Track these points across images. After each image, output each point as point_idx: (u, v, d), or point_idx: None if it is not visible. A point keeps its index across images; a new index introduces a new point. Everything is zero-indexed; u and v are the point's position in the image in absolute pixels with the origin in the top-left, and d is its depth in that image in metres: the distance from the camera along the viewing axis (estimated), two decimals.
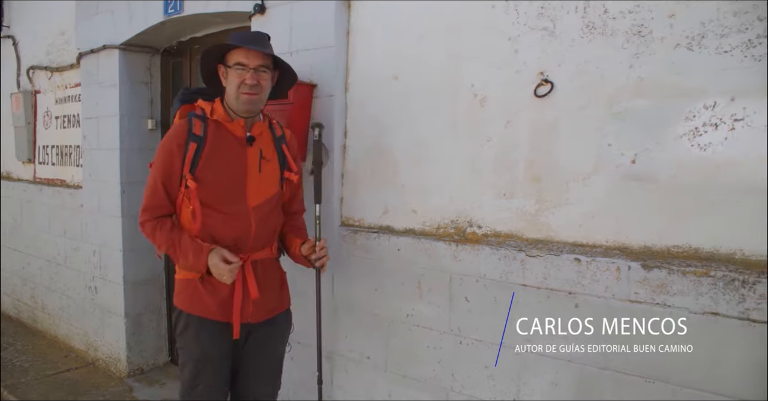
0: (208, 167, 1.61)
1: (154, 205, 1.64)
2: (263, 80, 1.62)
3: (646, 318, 1.42)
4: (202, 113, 1.65)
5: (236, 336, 1.66)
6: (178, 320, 1.70)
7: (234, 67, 1.60)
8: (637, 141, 1.49)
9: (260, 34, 1.71)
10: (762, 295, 1.28)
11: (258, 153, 1.67)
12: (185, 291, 1.68)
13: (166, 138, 1.64)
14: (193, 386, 1.68)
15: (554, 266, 1.55)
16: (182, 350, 1.72)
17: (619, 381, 1.47)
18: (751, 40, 1.33)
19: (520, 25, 1.65)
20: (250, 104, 1.62)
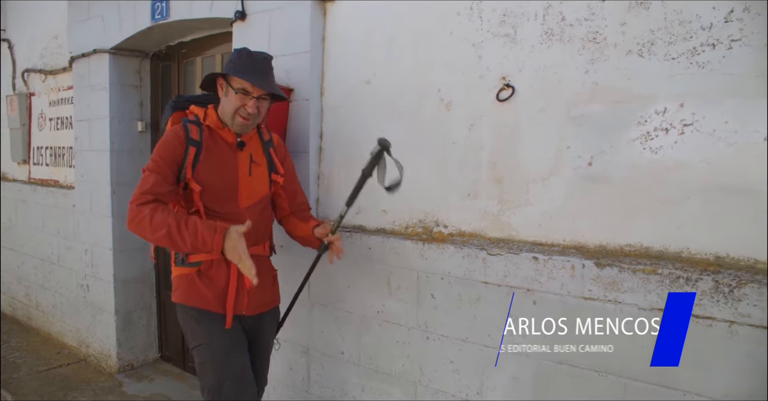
0: (204, 170, 1.66)
1: (158, 191, 1.56)
2: (262, 108, 1.70)
3: (599, 314, 1.48)
4: (195, 119, 1.70)
5: (228, 325, 1.67)
6: (186, 315, 1.70)
7: (237, 91, 1.64)
8: (593, 144, 1.54)
9: (266, 59, 1.72)
10: (704, 292, 1.34)
11: (248, 157, 1.74)
12: (182, 286, 1.71)
13: (166, 138, 1.65)
14: (220, 383, 1.62)
15: (514, 264, 1.61)
16: (198, 348, 1.67)
17: (573, 375, 1.53)
18: (696, 47, 1.39)
19: (484, 31, 1.71)
20: (244, 127, 1.70)
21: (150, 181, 1.57)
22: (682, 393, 1.38)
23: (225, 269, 1.69)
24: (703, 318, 1.34)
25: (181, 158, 1.63)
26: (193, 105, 1.76)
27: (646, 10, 1.45)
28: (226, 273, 1.69)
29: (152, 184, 1.56)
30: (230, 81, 1.66)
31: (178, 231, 1.49)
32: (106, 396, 2.89)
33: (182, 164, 1.63)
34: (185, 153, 1.62)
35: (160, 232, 1.50)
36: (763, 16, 1.30)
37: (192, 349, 1.71)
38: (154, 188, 1.55)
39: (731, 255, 1.36)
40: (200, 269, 1.68)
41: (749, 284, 1.28)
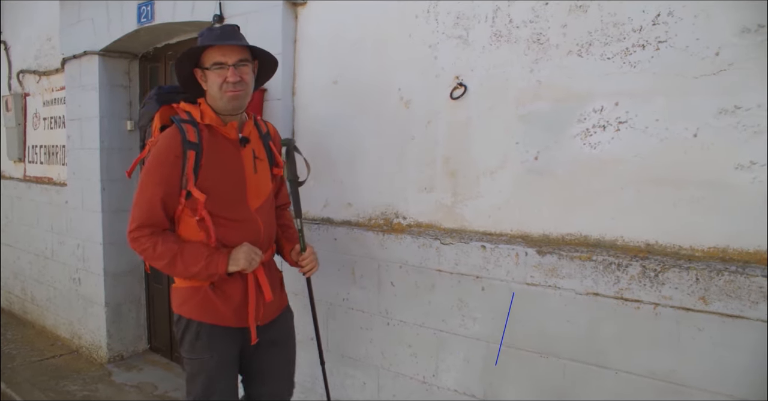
0: (208, 175, 1.53)
1: (152, 222, 1.50)
2: (245, 75, 1.55)
3: (541, 299, 1.57)
4: (189, 117, 1.55)
5: (254, 341, 1.62)
6: (187, 329, 1.60)
7: (212, 67, 1.52)
8: (539, 140, 1.64)
9: (229, 26, 1.61)
10: (633, 276, 1.43)
11: (251, 154, 1.63)
12: (193, 299, 1.59)
13: (160, 150, 1.51)
14: (206, 398, 1.60)
15: (464, 253, 1.71)
16: (192, 361, 1.62)
17: (518, 356, 1.63)
18: (628, 48, 1.48)
19: (439, 33, 1.81)
20: (237, 100, 1.55)
21: (144, 210, 1.50)
22: (614, 372, 1.47)
23: (241, 282, 1.60)
24: (632, 301, 1.44)
25: (179, 172, 1.50)
26: (183, 101, 1.61)
27: (584, 12, 1.55)
28: (243, 286, 1.60)
29: (146, 215, 1.50)
30: (204, 64, 1.54)
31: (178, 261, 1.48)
32: (96, 385, 3.00)
33: (182, 172, 1.50)
34: (184, 160, 1.49)
35: (162, 262, 1.50)
36: (686, 20, 1.39)
37: (185, 358, 1.64)
38: (148, 220, 1.50)
39: (659, 242, 1.46)
40: (214, 282, 1.57)
41: (672, 269, 1.38)
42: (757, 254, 1.33)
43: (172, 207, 1.53)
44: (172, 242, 1.50)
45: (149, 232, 1.50)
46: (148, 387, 2.97)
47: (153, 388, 2.96)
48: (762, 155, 1.30)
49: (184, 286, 1.60)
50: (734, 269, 1.31)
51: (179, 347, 1.67)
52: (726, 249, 1.37)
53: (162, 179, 1.50)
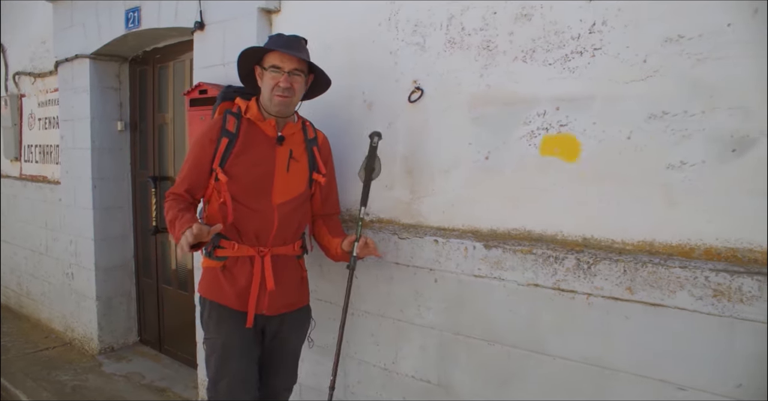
0: (238, 162, 1.66)
1: (177, 192, 1.69)
2: (296, 83, 1.68)
3: (487, 290, 1.68)
4: (237, 111, 1.72)
5: (249, 324, 1.68)
6: (203, 308, 1.75)
7: (269, 69, 1.66)
8: (490, 141, 1.74)
9: (297, 38, 1.74)
10: (568, 268, 1.53)
11: (287, 153, 1.72)
12: (206, 279, 1.74)
13: (200, 132, 1.73)
14: (217, 380, 1.68)
15: (419, 247, 1.82)
16: (207, 341, 1.74)
17: (468, 344, 1.73)
18: (567, 55, 1.58)
19: (399, 40, 1.92)
20: (282, 106, 1.68)
21: (179, 178, 1.71)
22: (552, 358, 1.58)
23: (248, 267, 1.70)
24: (568, 291, 1.54)
25: (211, 155, 1.66)
26: (239, 97, 1.77)
27: (528, 20, 1.65)
28: (249, 272, 1.69)
29: (178, 182, 1.70)
30: (263, 64, 1.69)
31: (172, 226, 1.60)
32: (86, 375, 3.13)
33: (212, 157, 1.66)
34: (217, 144, 1.66)
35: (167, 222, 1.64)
36: (618, 29, 1.49)
37: (204, 339, 1.76)
38: (177, 188, 1.70)
39: (595, 237, 1.56)
40: (225, 264, 1.70)
41: (603, 261, 1.48)
42: (679, 247, 1.43)
43: (198, 185, 1.70)
44: (176, 209, 1.63)
45: (172, 198, 1.68)
46: (136, 376, 3.10)
47: (140, 378, 3.09)
48: (691, 155, 1.39)
49: (205, 265, 1.76)
50: (657, 261, 1.41)
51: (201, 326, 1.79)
52: (653, 243, 1.47)
53: (193, 158, 1.69)
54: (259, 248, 1.70)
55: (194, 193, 1.72)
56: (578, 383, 1.54)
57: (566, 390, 1.56)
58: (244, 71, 1.75)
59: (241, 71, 1.76)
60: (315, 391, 2.19)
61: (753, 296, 1.28)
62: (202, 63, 2.55)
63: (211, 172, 1.68)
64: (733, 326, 1.31)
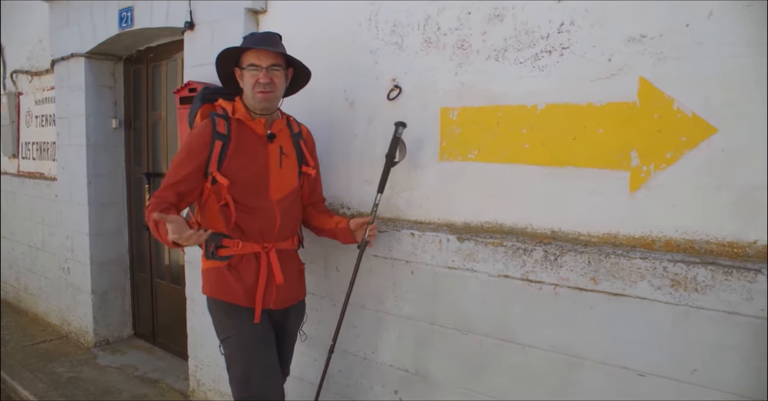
0: (234, 163, 1.67)
1: (164, 195, 1.64)
2: (276, 78, 1.69)
3: (460, 281, 1.74)
4: (224, 112, 1.71)
5: (257, 319, 1.70)
6: (215, 308, 1.74)
7: (248, 68, 1.67)
8: (467, 139, 1.80)
9: (271, 34, 1.77)
10: (536, 260, 1.59)
11: (278, 149, 1.75)
12: (212, 279, 1.74)
13: (191, 136, 1.69)
14: (248, 377, 1.66)
15: (396, 240, 1.88)
16: (227, 341, 1.71)
17: (443, 334, 1.79)
18: (537, 54, 1.64)
19: (379, 40, 1.97)
20: (266, 101, 1.69)
21: (166, 182, 1.65)
22: (522, 347, 1.64)
23: (254, 263, 1.72)
24: (535, 282, 1.60)
25: (207, 154, 1.65)
26: (221, 98, 1.78)
27: (501, 21, 1.71)
28: (256, 268, 1.71)
29: (166, 186, 1.64)
30: (241, 64, 1.70)
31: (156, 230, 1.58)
32: (81, 367, 3.20)
33: (208, 158, 1.65)
34: (211, 147, 1.65)
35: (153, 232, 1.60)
36: (584, 29, 1.55)
37: (221, 341, 1.74)
38: (164, 192, 1.64)
39: (563, 229, 1.62)
40: (230, 263, 1.70)
41: (569, 253, 1.54)
42: (641, 239, 1.49)
43: (191, 190, 1.67)
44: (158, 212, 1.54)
45: (155, 202, 1.63)
46: (130, 368, 3.17)
47: (134, 369, 3.16)
48: (654, 150, 1.45)
49: (207, 267, 1.76)
50: (620, 253, 1.47)
51: (215, 330, 1.76)
52: (617, 235, 1.53)
53: (188, 160, 1.65)
54: (263, 244, 1.72)
55: (184, 198, 1.68)
56: (546, 371, 1.60)
57: (535, 378, 1.62)
58: (224, 74, 1.78)
59: (220, 74, 1.78)
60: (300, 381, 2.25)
61: (707, 286, 1.34)
62: (192, 62, 2.61)
63: (206, 176, 1.67)
64: (689, 314, 1.37)
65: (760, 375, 1.28)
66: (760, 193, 1.32)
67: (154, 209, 1.60)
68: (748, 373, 1.29)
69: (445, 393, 1.82)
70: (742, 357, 1.30)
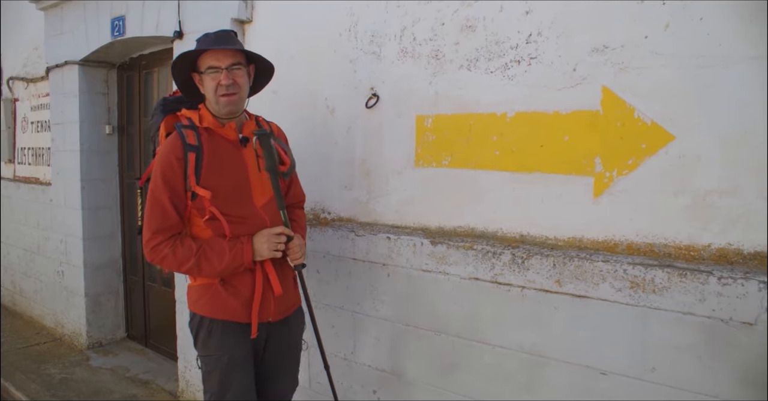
0: (212, 175, 1.58)
1: (167, 226, 1.55)
2: (239, 78, 1.59)
3: (433, 283, 1.79)
4: (190, 123, 1.61)
5: (254, 334, 1.63)
6: (200, 327, 1.64)
7: (207, 71, 1.57)
8: (440, 145, 1.86)
9: (224, 32, 1.64)
10: (505, 263, 1.65)
11: (254, 153, 1.66)
12: (205, 296, 1.63)
13: (162, 154, 1.58)
14: (222, 394, 1.63)
15: (373, 243, 1.93)
16: (206, 358, 1.65)
17: (418, 334, 1.85)
18: (507, 63, 1.70)
19: (358, 50, 2.04)
20: (231, 105, 1.60)
21: (157, 215, 1.55)
22: (492, 347, 1.69)
23: (249, 277, 1.62)
24: (504, 284, 1.65)
25: (182, 174, 1.55)
26: (184, 108, 1.67)
27: (473, 32, 1.77)
28: (251, 281, 1.61)
29: (160, 219, 1.54)
30: (199, 68, 1.60)
31: (203, 260, 1.51)
32: (74, 368, 3.26)
33: (185, 174, 1.55)
34: (185, 162, 1.55)
35: (186, 266, 1.53)
36: (551, 39, 1.61)
37: (200, 356, 1.67)
38: (163, 224, 1.54)
39: (531, 233, 1.67)
40: (224, 278, 1.61)
41: (535, 256, 1.59)
42: (604, 243, 1.54)
43: (182, 209, 1.58)
44: (189, 242, 1.53)
45: (166, 237, 1.54)
46: (121, 370, 3.22)
47: (125, 371, 3.21)
48: (615, 156, 1.50)
49: (197, 284, 1.65)
50: (583, 256, 1.52)
51: (194, 345, 1.69)
52: (582, 239, 1.58)
53: (165, 181, 1.55)
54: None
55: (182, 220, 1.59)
56: (514, 370, 1.65)
57: (504, 377, 1.67)
58: (182, 82, 1.67)
59: (178, 82, 1.67)
60: None
61: (663, 287, 1.39)
62: None
63: (186, 192, 1.57)
64: (647, 315, 1.42)
65: (714, 373, 1.33)
66: (714, 198, 1.38)
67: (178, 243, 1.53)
68: (703, 371, 1.34)
69: (421, 393, 1.87)
70: (697, 356, 1.35)
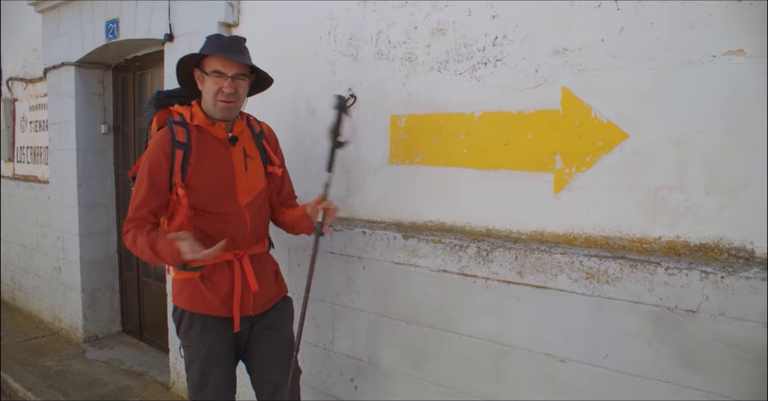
0: (198, 172, 1.62)
1: (138, 216, 1.62)
2: (240, 88, 1.65)
3: (405, 276, 1.88)
4: (181, 119, 1.65)
5: (237, 329, 1.69)
6: (181, 319, 1.71)
7: (211, 74, 1.61)
8: (413, 144, 1.94)
9: (237, 39, 1.70)
10: (471, 256, 1.73)
11: (242, 152, 1.70)
12: (185, 290, 1.70)
13: (151, 149, 1.63)
14: (202, 384, 1.70)
15: (350, 237, 2.02)
16: (188, 348, 1.73)
17: (392, 325, 1.93)
18: (475, 65, 1.78)
19: (337, 52, 2.12)
20: (227, 111, 1.65)
21: (133, 204, 1.61)
22: (459, 336, 1.77)
23: (228, 272, 1.69)
24: (470, 276, 1.73)
25: (169, 166, 1.60)
26: (177, 103, 1.71)
27: (443, 35, 1.84)
28: (230, 276, 1.69)
29: (134, 209, 1.61)
30: (204, 67, 1.64)
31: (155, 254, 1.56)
32: (70, 361, 3.36)
33: (171, 169, 1.60)
34: (173, 158, 1.59)
35: (145, 256, 1.60)
36: (515, 42, 1.69)
37: (182, 345, 1.74)
38: (136, 214, 1.61)
39: (496, 227, 1.75)
40: (203, 273, 1.67)
41: (498, 249, 1.67)
42: (564, 236, 1.62)
43: (160, 203, 1.63)
44: (146, 234, 1.58)
45: (134, 225, 1.61)
46: (116, 362, 3.32)
47: (120, 363, 3.31)
48: (574, 153, 1.58)
49: (179, 278, 1.72)
50: (543, 249, 1.60)
51: (176, 333, 1.78)
52: (543, 232, 1.66)
53: (150, 176, 1.60)
54: (235, 252, 1.69)
55: (157, 213, 1.66)
56: (481, 358, 1.73)
57: (471, 365, 1.75)
58: (183, 75, 1.72)
59: (180, 75, 1.72)
60: None
61: (616, 278, 1.47)
62: (172, 72, 2.70)
63: (170, 187, 1.63)
64: (601, 304, 1.50)
65: (661, 357, 1.40)
66: (664, 193, 1.45)
67: (138, 233, 1.58)
68: (652, 356, 1.42)
69: (395, 381, 1.95)
70: (647, 342, 1.43)
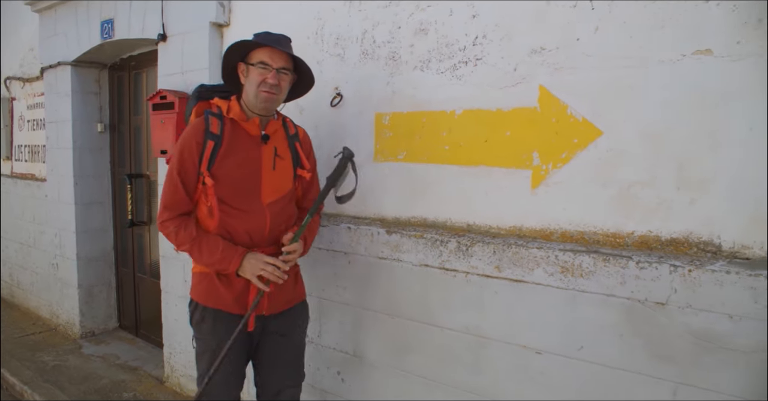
0: (225, 164, 1.64)
1: (175, 202, 1.65)
2: (283, 81, 1.67)
3: (389, 270, 1.92)
4: (218, 111, 1.68)
5: (251, 328, 1.69)
6: (195, 312, 1.74)
7: (257, 65, 1.63)
8: (396, 141, 1.98)
9: (285, 36, 1.74)
10: (451, 250, 1.77)
11: (272, 151, 1.71)
12: (201, 284, 1.71)
13: (184, 136, 1.66)
14: (211, 374, 1.68)
15: (336, 233, 2.06)
16: (199, 341, 1.75)
17: (376, 318, 1.97)
18: (456, 64, 1.82)
19: (324, 52, 2.16)
20: (269, 102, 1.66)
21: (168, 192, 1.65)
22: (440, 329, 1.81)
23: None
24: (451, 270, 1.77)
25: (198, 158, 1.62)
26: (217, 97, 1.74)
27: (426, 35, 1.89)
28: None
29: (170, 196, 1.65)
30: (249, 60, 1.66)
31: (198, 250, 1.61)
32: (67, 356, 3.41)
33: (199, 161, 1.63)
34: (203, 147, 1.62)
35: (183, 248, 1.65)
36: (495, 41, 1.73)
37: (194, 337, 1.77)
38: (171, 201, 1.65)
39: (477, 223, 1.79)
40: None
41: (477, 244, 1.71)
42: (541, 231, 1.66)
43: (191, 190, 1.66)
44: (192, 229, 1.64)
45: (174, 214, 1.65)
46: (112, 357, 3.37)
47: (116, 358, 3.36)
48: (551, 150, 1.62)
49: (197, 271, 1.75)
50: (520, 244, 1.64)
51: (189, 323, 1.78)
52: (521, 228, 1.71)
53: (181, 161, 1.64)
54: (253, 249, 1.68)
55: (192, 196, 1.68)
56: (460, 350, 1.77)
57: (451, 357, 1.79)
58: (228, 69, 1.73)
59: (225, 68, 1.73)
60: None
61: (590, 272, 1.51)
62: (166, 71, 2.81)
63: (198, 176, 1.65)
64: (576, 297, 1.54)
65: (633, 349, 1.44)
66: (637, 189, 1.49)
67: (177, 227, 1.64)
68: (624, 348, 1.46)
69: (380, 373, 1.99)
70: (619, 334, 1.47)
